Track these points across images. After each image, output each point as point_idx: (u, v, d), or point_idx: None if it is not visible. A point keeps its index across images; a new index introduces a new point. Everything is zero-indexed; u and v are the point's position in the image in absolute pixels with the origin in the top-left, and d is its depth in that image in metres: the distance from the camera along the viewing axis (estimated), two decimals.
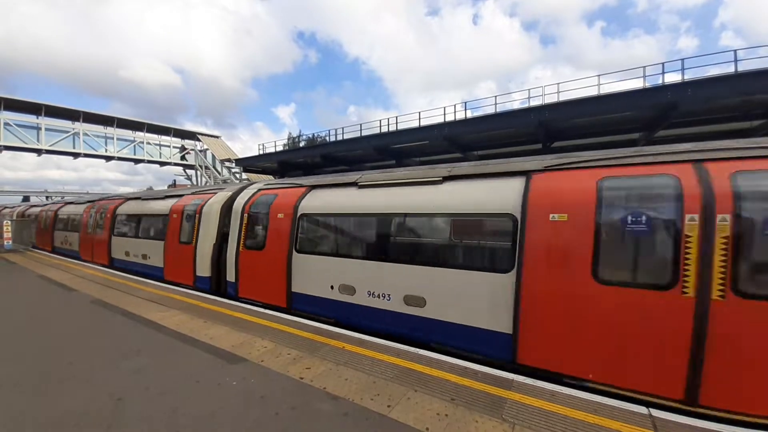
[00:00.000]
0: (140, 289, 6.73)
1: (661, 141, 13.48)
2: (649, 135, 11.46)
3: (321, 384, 3.01)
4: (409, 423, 2.46)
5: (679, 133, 12.18)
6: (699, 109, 9.56)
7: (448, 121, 13.26)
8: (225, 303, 5.65)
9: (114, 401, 2.77)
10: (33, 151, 20.96)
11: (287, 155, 19.38)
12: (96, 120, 23.15)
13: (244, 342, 3.95)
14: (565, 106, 10.39)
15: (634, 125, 11.19)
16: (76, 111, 21.97)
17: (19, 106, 20.51)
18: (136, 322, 4.77)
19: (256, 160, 20.11)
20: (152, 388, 2.98)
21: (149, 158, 25.59)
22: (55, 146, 21.41)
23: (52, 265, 9.84)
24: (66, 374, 3.27)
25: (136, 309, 5.35)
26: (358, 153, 16.33)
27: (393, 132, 14.86)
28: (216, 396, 2.84)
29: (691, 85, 8.68)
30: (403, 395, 2.82)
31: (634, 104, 9.41)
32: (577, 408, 2.61)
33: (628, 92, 9.55)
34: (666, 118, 9.78)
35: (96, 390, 2.96)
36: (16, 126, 20.03)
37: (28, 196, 44.60)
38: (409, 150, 15.18)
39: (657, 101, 9.11)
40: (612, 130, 11.81)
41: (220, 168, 25.85)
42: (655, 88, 9.45)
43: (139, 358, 3.59)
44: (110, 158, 23.93)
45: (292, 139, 43.76)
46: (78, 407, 2.70)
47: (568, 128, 11.60)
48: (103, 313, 5.21)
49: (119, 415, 2.59)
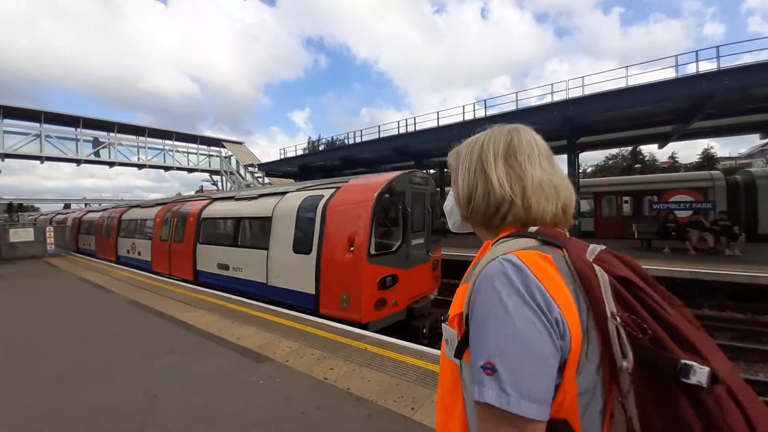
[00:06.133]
0: (170, 290, 7.02)
1: (697, 134, 12.74)
2: (684, 127, 10.84)
3: (345, 384, 3.03)
4: (434, 426, 2.44)
5: (715, 124, 11.47)
6: (735, 99, 8.95)
7: (466, 120, 13.09)
8: (250, 304, 5.80)
9: (149, 397, 2.90)
10: (72, 161, 22.35)
11: (307, 159, 19.72)
12: (128, 130, 24.44)
13: (270, 342, 4.04)
14: (591, 100, 9.98)
15: (667, 117, 10.59)
16: (111, 122, 23.29)
17: (59, 119, 21.95)
18: (168, 321, 4.99)
19: (278, 165, 20.57)
20: (184, 385, 3.10)
21: (178, 165, 26.73)
22: (92, 156, 22.75)
23: (91, 267, 10.45)
24: (105, 371, 3.46)
25: (167, 309, 5.59)
26: (377, 155, 16.40)
27: (411, 133, 14.81)
28: (244, 394, 2.92)
29: (728, 74, 8.14)
30: (427, 398, 2.80)
31: (667, 95, 8.92)
32: None
33: (660, 83, 9.06)
34: (701, 109, 9.22)
35: (132, 386, 3.11)
36: (56, 138, 21.46)
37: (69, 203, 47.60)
38: (427, 150, 15.08)
39: (691, 91, 8.61)
40: (642, 124, 11.24)
41: (243, 173, 26.64)
42: (689, 78, 8.91)
43: (172, 356, 3.75)
44: (142, 166, 25.16)
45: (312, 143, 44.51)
46: (115, 402, 2.85)
47: (595, 123, 11.15)
48: (138, 313, 5.48)
49: (154, 410, 2.71)
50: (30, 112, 20.81)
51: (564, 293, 0.56)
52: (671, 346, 0.51)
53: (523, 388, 0.50)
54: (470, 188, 0.74)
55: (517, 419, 0.50)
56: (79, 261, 12.12)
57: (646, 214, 14.93)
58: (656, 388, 0.51)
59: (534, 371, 0.51)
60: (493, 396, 0.51)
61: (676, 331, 0.53)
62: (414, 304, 5.80)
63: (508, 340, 0.52)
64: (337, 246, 5.22)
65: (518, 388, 0.50)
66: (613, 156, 44.27)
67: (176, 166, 26.72)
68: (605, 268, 0.59)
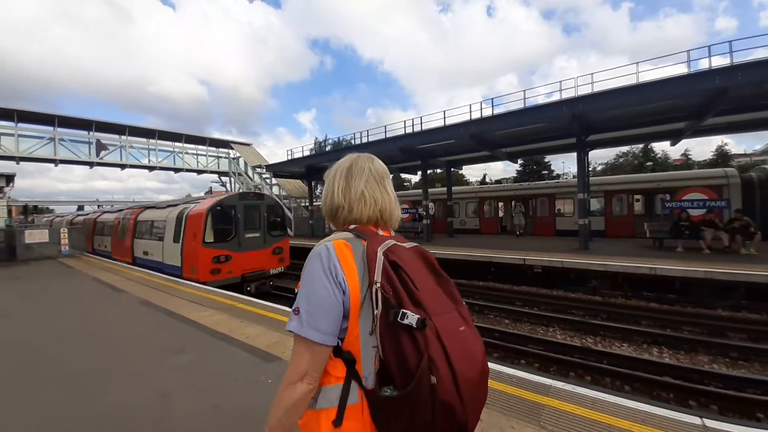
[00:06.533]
0: (180, 290, 7.12)
1: (710, 130, 12.46)
2: (697, 123, 10.58)
3: None
4: None
5: (729, 120, 11.20)
6: (749, 95, 8.71)
7: (473, 119, 12.98)
8: (258, 304, 5.86)
9: (161, 396, 2.94)
10: (85, 164, 22.79)
11: (314, 160, 19.80)
12: (139, 133, 24.82)
13: (278, 341, 4.07)
14: (601, 97, 9.81)
15: (680, 114, 10.36)
16: (122, 125, 23.68)
17: (72, 123, 22.40)
18: (178, 321, 5.06)
19: (285, 166, 20.69)
20: (195, 384, 3.13)
21: (188, 167, 27.09)
22: (105, 159, 23.18)
23: (103, 268, 10.65)
24: (118, 370, 3.52)
25: (178, 309, 5.67)
26: (384, 155, 16.40)
27: (417, 133, 14.74)
28: (254, 393, 2.94)
29: (741, 69, 7.93)
30: None
31: (679, 91, 8.73)
32: (621, 416, 2.46)
33: (671, 79, 8.86)
34: (715, 105, 9.01)
35: (145, 385, 3.16)
36: (69, 141, 21.91)
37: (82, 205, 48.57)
38: (434, 150, 15.01)
39: (704, 87, 8.41)
40: (654, 120, 11.01)
41: (251, 174, 26.87)
42: (702, 73, 8.69)
43: (182, 355, 3.80)
44: (153, 168, 25.54)
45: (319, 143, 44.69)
46: (129, 401, 2.90)
47: (605, 120, 10.96)
48: (150, 313, 5.56)
49: (167, 408, 2.75)
50: (44, 116, 21.27)
51: (351, 267, 0.85)
52: (404, 303, 0.80)
53: (312, 322, 0.82)
54: (325, 196, 1.06)
55: (308, 342, 0.82)
56: (92, 261, 12.36)
57: (658, 212, 14.66)
58: (389, 327, 0.80)
59: (320, 313, 0.82)
60: (294, 326, 0.84)
61: (413, 295, 0.81)
62: (248, 274, 9.13)
63: (309, 294, 0.84)
64: (189, 238, 8.87)
65: (309, 322, 0.82)
66: (623, 154, 43.62)
67: (186, 168, 27.05)
68: (386, 255, 0.86)
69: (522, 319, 7.59)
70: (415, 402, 0.76)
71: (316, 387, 0.84)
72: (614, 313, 7.39)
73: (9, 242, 13.50)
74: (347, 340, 0.84)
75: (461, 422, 0.77)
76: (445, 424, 0.76)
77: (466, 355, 0.79)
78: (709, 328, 6.51)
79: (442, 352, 0.76)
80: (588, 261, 8.91)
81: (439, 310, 0.83)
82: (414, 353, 0.77)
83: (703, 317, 6.88)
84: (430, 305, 0.81)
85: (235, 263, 8.85)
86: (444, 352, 0.76)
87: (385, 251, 0.87)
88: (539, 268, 9.51)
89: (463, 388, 0.75)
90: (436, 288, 0.89)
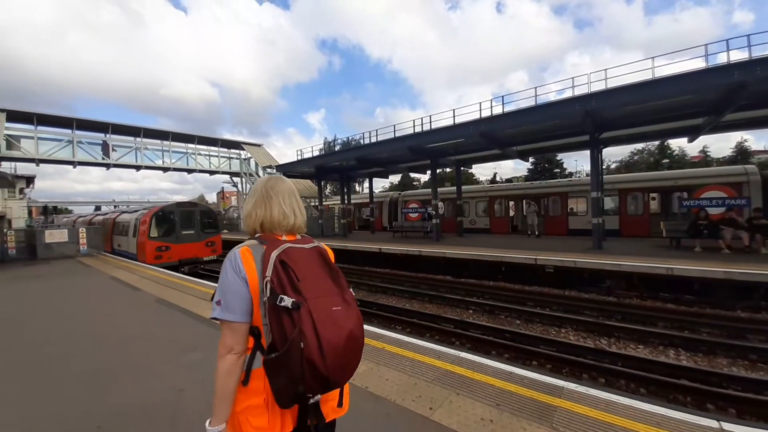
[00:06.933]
0: (195, 288, 7.26)
1: (729, 126, 12.07)
2: (716, 119, 10.26)
3: (363, 383, 3.06)
4: (453, 427, 2.42)
5: (748, 116, 10.83)
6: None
7: (483, 117, 12.82)
8: None
9: (176, 392, 3.01)
10: (102, 165, 23.42)
11: (323, 159, 19.90)
12: (154, 135, 25.40)
13: None
14: (615, 93, 9.58)
15: (698, 110, 10.06)
16: (137, 128, 24.26)
17: (89, 125, 23.04)
18: (192, 319, 5.16)
19: (295, 166, 20.85)
20: (208, 381, 3.19)
21: (200, 168, 27.58)
22: (120, 160, 23.78)
23: (120, 267, 10.93)
24: (134, 366, 3.61)
25: (192, 307, 5.79)
26: (393, 154, 16.37)
27: (426, 132, 14.64)
28: None
29: (761, 63, 7.65)
30: (445, 398, 2.78)
31: (696, 86, 8.47)
32: (636, 419, 2.42)
33: (688, 73, 8.60)
34: (733, 100, 8.72)
35: (161, 381, 3.24)
36: (87, 143, 22.54)
37: (99, 205, 49.89)
38: (444, 149, 14.91)
39: (722, 82, 8.14)
40: (670, 117, 10.72)
41: (262, 174, 27.21)
42: (720, 67, 8.42)
43: (196, 353, 3.88)
44: (167, 169, 26.08)
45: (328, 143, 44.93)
46: (145, 397, 2.97)
47: (620, 117, 10.71)
48: (165, 311, 5.69)
49: (181, 404, 2.82)
50: (62, 120, 21.94)
51: (251, 267, 1.12)
52: (287, 291, 1.05)
53: (228, 307, 1.10)
54: (244, 208, 1.41)
55: (228, 322, 1.10)
56: (109, 260, 12.71)
57: (675, 211, 14.28)
58: (274, 309, 1.04)
59: (233, 299, 1.11)
60: (217, 313, 1.12)
61: (295, 285, 1.06)
62: (184, 260, 12.99)
63: (223, 288, 1.13)
64: (140, 233, 12.84)
65: (226, 308, 1.11)
66: (638, 151, 42.62)
67: (198, 169, 27.55)
68: (279, 256, 1.11)
69: (534, 319, 7.49)
70: (288, 361, 1.01)
71: (243, 356, 1.11)
72: (629, 314, 7.24)
73: (29, 242, 13.98)
74: (254, 321, 1.12)
75: (323, 375, 1.01)
76: (310, 377, 1.01)
77: (333, 327, 1.04)
78: (728, 329, 6.32)
79: (312, 325, 1.01)
80: (602, 261, 8.74)
81: (317, 294, 1.07)
82: (290, 326, 1.01)
83: (722, 319, 6.68)
84: (308, 291, 1.06)
85: (173, 252, 12.76)
86: (313, 325, 1.01)
87: (279, 254, 1.12)
88: (551, 268, 9.38)
89: (326, 350, 1.01)
90: (323, 278, 1.15)
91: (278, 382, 1.05)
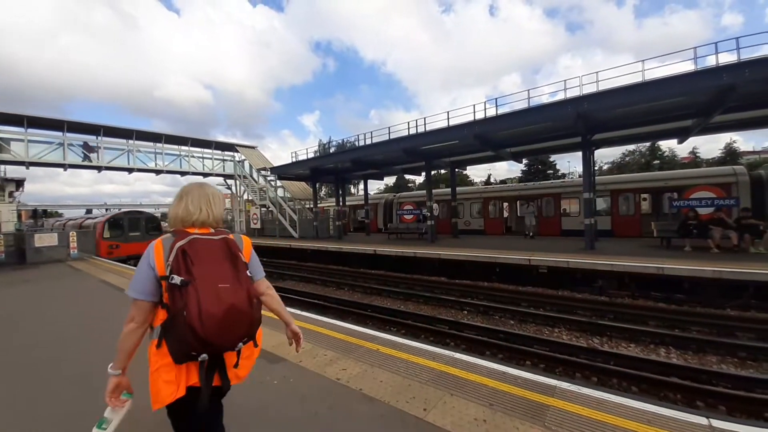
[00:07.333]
0: None
1: (718, 127, 12.29)
2: (705, 121, 10.44)
3: (357, 385, 3.05)
4: (446, 427, 2.43)
5: (737, 118, 11.04)
6: (758, 91, 8.59)
7: (477, 119, 12.92)
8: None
9: None
10: (94, 168, 23.11)
11: (318, 161, 19.86)
12: (146, 137, 25.11)
13: (283, 342, 4.09)
14: (606, 96, 9.72)
15: (687, 112, 10.24)
16: (129, 130, 23.95)
17: (80, 127, 22.73)
18: None
19: (290, 168, 20.78)
20: None
21: (194, 170, 27.34)
22: (112, 163, 23.49)
23: (110, 270, 10.79)
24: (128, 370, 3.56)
25: None
26: (388, 156, 16.41)
27: (421, 134, 14.71)
28: (259, 394, 2.97)
29: (749, 65, 7.81)
30: (439, 399, 2.79)
31: (686, 89, 8.62)
32: (627, 417, 2.45)
33: (678, 76, 8.76)
34: (722, 102, 8.89)
35: None
36: (78, 146, 22.23)
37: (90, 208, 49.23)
38: (438, 151, 14.98)
39: (712, 84, 8.30)
40: (661, 118, 10.89)
41: (256, 177, 27.05)
42: (709, 70, 8.58)
43: None
44: (159, 172, 25.79)
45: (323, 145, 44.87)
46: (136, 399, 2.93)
47: (611, 119, 10.86)
48: None
49: None
50: (53, 122, 21.58)
51: (159, 255, 1.40)
52: (181, 272, 1.30)
53: (134, 288, 1.41)
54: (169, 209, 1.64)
55: (134, 300, 1.41)
56: (99, 264, 12.53)
57: (665, 211, 14.49)
58: (170, 287, 1.31)
59: (139, 280, 1.41)
60: (127, 291, 1.42)
61: (189, 268, 1.31)
62: (132, 255, 15.94)
63: (136, 272, 1.44)
64: (97, 234, 16.35)
65: (132, 287, 1.41)
66: (630, 152, 43.18)
67: (192, 171, 27.24)
68: (182, 246, 1.36)
69: (527, 319, 7.55)
70: (175, 325, 1.29)
71: (142, 327, 1.44)
72: (621, 314, 7.32)
73: (19, 246, 13.74)
74: (164, 297, 1.36)
75: (202, 338, 1.25)
76: (192, 339, 1.26)
77: (215, 300, 1.28)
78: (718, 328, 6.43)
79: (196, 298, 1.26)
80: (594, 261, 8.84)
81: (207, 274, 1.32)
82: (180, 300, 1.27)
83: (712, 317, 6.78)
84: (199, 274, 1.31)
85: (122, 249, 16.46)
86: (197, 299, 1.26)
87: (183, 244, 1.37)
88: (544, 269, 9.46)
89: (204, 318, 1.25)
90: (220, 262, 1.39)
91: (170, 342, 1.34)
